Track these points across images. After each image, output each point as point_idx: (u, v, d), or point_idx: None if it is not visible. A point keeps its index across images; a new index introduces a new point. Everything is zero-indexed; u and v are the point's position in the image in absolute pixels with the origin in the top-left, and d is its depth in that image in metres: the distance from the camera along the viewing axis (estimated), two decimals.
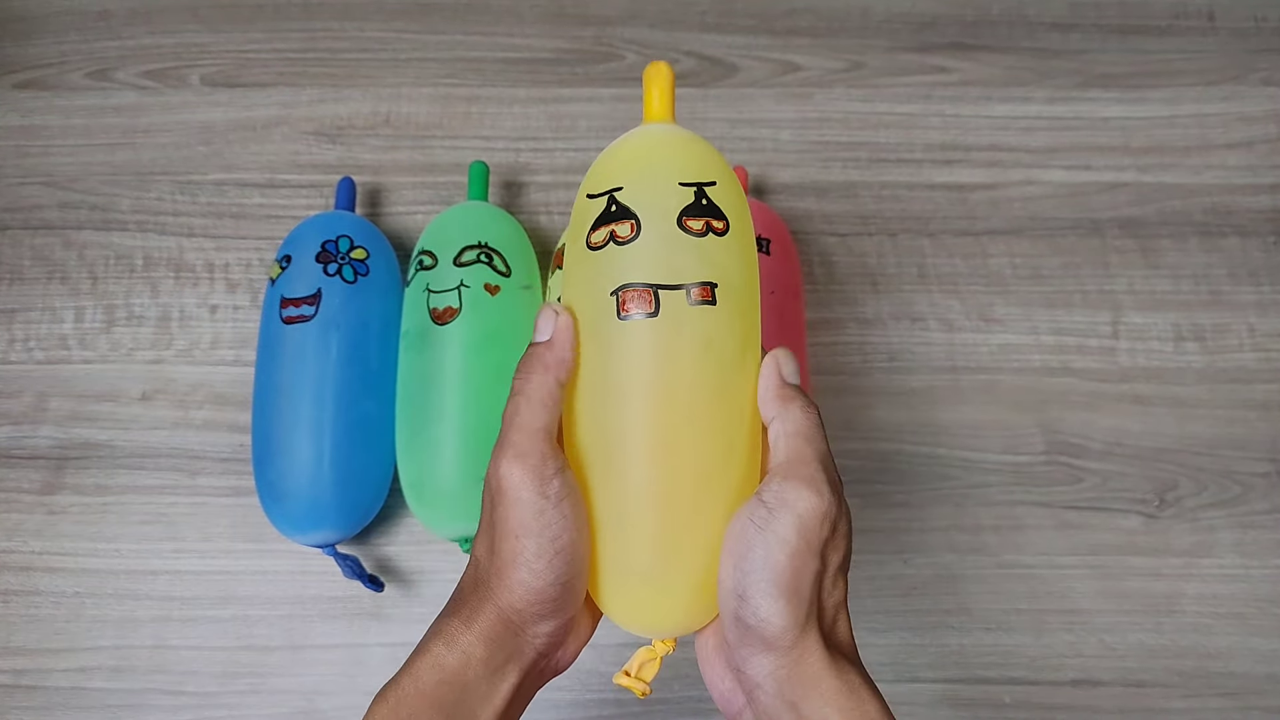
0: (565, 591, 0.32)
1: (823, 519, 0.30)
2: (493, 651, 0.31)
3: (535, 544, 0.31)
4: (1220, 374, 0.62)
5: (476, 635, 0.31)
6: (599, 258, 0.33)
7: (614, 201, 0.33)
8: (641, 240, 0.32)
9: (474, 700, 0.31)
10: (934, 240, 0.65)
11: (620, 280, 0.32)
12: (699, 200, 0.33)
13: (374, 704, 0.31)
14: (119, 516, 0.59)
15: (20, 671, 0.56)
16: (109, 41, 0.70)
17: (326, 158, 0.67)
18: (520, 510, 0.31)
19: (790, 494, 0.30)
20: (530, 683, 0.33)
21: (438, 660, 0.31)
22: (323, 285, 0.54)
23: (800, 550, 0.30)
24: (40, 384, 0.62)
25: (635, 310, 0.32)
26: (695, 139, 0.35)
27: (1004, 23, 0.71)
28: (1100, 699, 0.56)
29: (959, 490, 0.59)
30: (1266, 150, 0.67)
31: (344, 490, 0.53)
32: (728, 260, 0.33)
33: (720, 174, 0.34)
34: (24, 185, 0.67)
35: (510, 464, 0.31)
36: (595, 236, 0.33)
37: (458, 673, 0.31)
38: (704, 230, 0.33)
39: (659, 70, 0.36)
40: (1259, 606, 0.57)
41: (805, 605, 0.30)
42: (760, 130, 0.68)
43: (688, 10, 0.71)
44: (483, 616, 0.32)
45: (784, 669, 0.30)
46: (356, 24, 0.71)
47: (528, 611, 0.32)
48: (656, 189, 0.33)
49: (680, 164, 0.34)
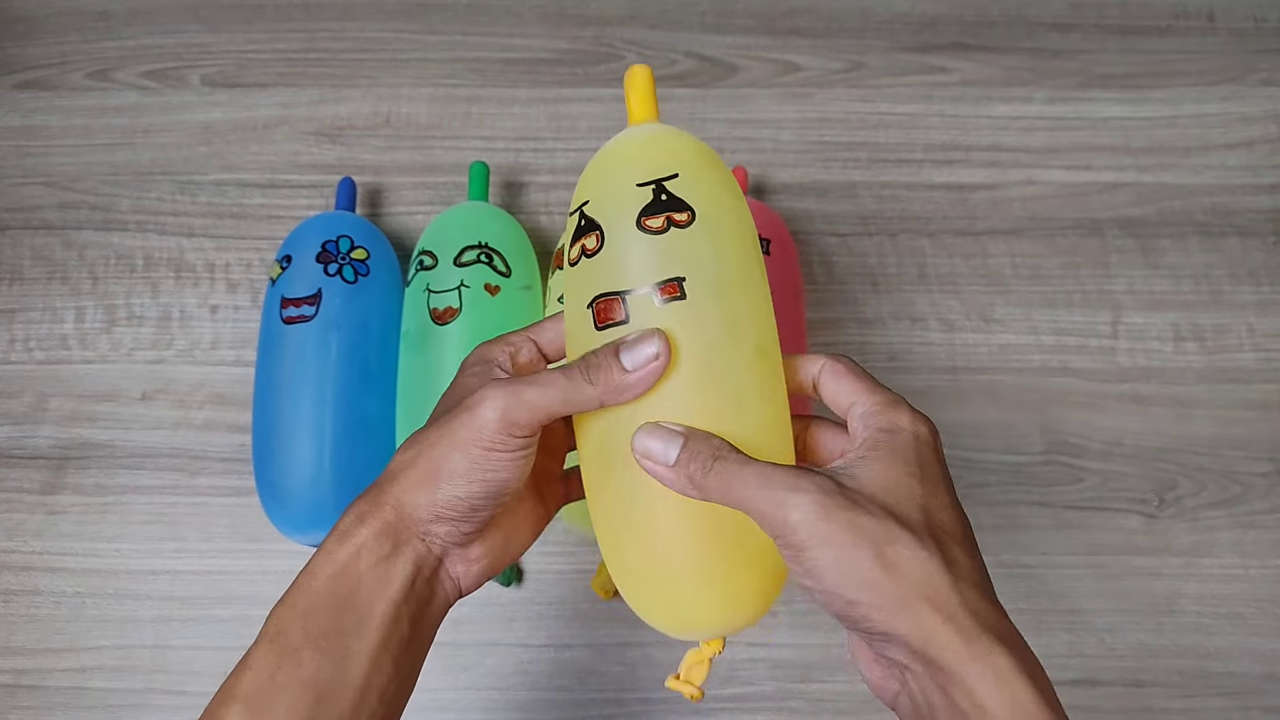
0: (473, 510, 0.32)
1: (824, 505, 0.29)
2: (381, 541, 0.32)
3: (466, 465, 0.32)
4: (1220, 374, 0.62)
5: (369, 527, 0.32)
6: (577, 272, 0.34)
7: (583, 216, 0.34)
8: (605, 249, 0.33)
9: (365, 591, 0.31)
10: (934, 240, 0.65)
11: (593, 292, 0.33)
12: (657, 197, 0.33)
13: (276, 605, 0.32)
14: (119, 516, 0.59)
15: (21, 671, 0.56)
16: (109, 42, 0.70)
17: (327, 158, 0.67)
18: (474, 434, 0.31)
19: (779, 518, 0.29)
20: (425, 586, 0.33)
21: (330, 554, 0.32)
22: (323, 285, 0.54)
23: (851, 550, 0.29)
24: (41, 384, 0.62)
25: (609, 319, 0.32)
26: (658, 134, 0.35)
27: (1004, 23, 0.71)
28: (1100, 699, 0.56)
29: (959, 490, 0.59)
30: (1266, 150, 0.67)
31: (344, 490, 0.53)
32: (696, 251, 0.32)
33: (686, 163, 0.33)
34: (24, 185, 0.67)
35: (500, 401, 0.31)
36: (573, 252, 0.34)
37: (348, 563, 0.32)
38: (664, 226, 0.32)
39: (633, 74, 0.36)
40: (1259, 606, 0.57)
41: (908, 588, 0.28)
42: (760, 130, 0.68)
43: (688, 10, 0.71)
44: (379, 511, 0.32)
45: (921, 654, 0.28)
46: (357, 24, 0.71)
47: (426, 510, 0.32)
48: (614, 196, 0.33)
49: (638, 164, 0.34)
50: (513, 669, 0.56)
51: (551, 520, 0.39)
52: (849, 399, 0.33)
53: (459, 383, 0.35)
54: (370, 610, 0.31)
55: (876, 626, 0.28)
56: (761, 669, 0.56)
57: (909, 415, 0.32)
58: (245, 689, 0.30)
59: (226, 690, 0.30)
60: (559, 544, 0.58)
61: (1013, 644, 0.28)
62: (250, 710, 0.29)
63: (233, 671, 0.31)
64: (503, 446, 0.31)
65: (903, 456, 0.31)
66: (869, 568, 0.28)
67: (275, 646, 0.30)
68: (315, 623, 0.31)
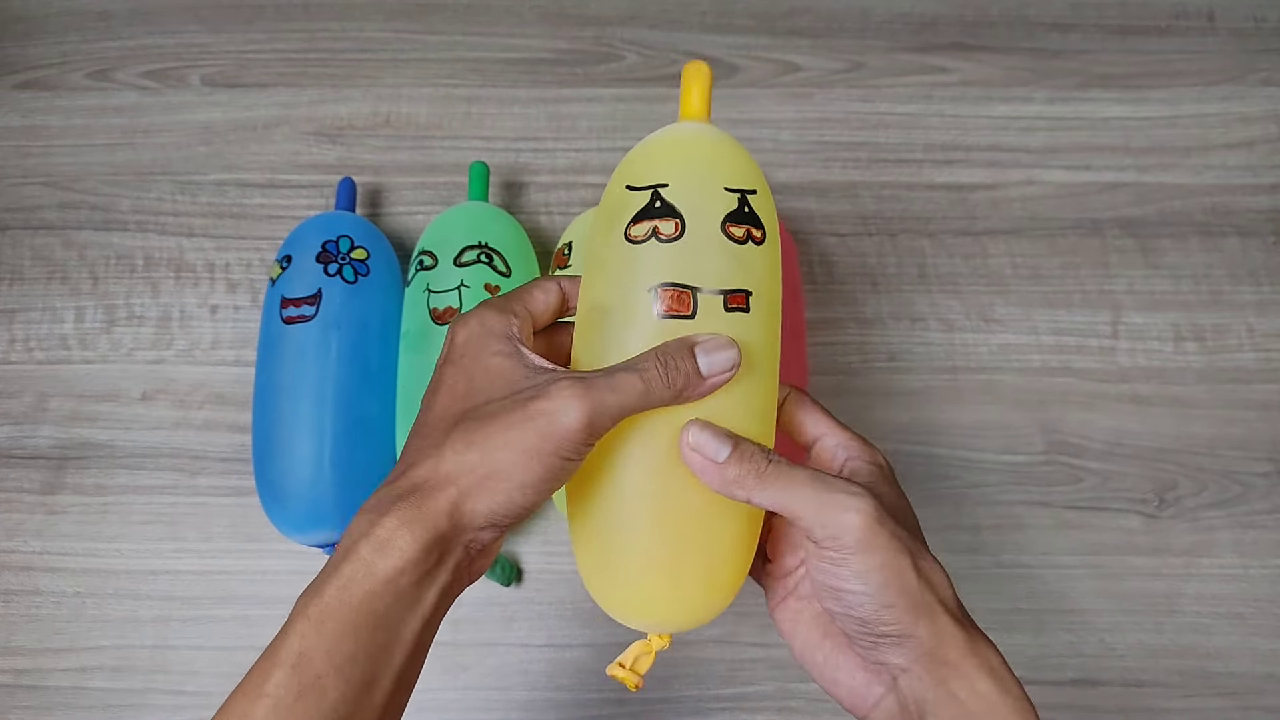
0: (525, 516, 0.31)
1: (881, 519, 0.31)
2: (429, 554, 0.29)
3: (540, 474, 0.29)
4: (1220, 374, 0.62)
5: (414, 538, 0.29)
6: (638, 252, 0.33)
7: (658, 197, 0.33)
8: (685, 240, 0.33)
9: (400, 611, 0.29)
10: (934, 240, 0.65)
11: (660, 277, 0.32)
12: (742, 208, 0.33)
13: (298, 616, 0.29)
14: (119, 516, 0.59)
15: (21, 671, 0.56)
16: (109, 42, 0.70)
17: (327, 158, 0.67)
18: (548, 444, 0.29)
19: (834, 527, 0.31)
20: (455, 589, 0.32)
21: (369, 568, 0.29)
22: (323, 285, 0.54)
23: (890, 561, 0.31)
24: (41, 384, 0.62)
25: (672, 309, 0.32)
26: (738, 145, 0.36)
27: (1004, 23, 0.71)
28: (1100, 699, 0.56)
29: (958, 490, 0.59)
30: (1266, 150, 0.67)
31: (344, 490, 0.53)
32: (763, 270, 0.33)
33: (760, 183, 0.35)
34: (25, 185, 0.67)
35: (580, 405, 0.29)
36: (636, 230, 0.33)
37: (389, 579, 0.29)
38: (745, 238, 0.33)
39: (699, 69, 0.36)
40: (1258, 606, 0.57)
41: (927, 594, 0.32)
42: (760, 130, 0.68)
43: (688, 10, 0.71)
44: (426, 518, 0.29)
45: (924, 657, 0.31)
46: (357, 24, 0.71)
47: (487, 518, 0.30)
48: (703, 191, 0.33)
49: (725, 169, 0.34)
50: (513, 669, 0.56)
51: (552, 515, 0.39)
52: (816, 430, 0.36)
53: (481, 362, 0.32)
54: (402, 632, 0.29)
55: (902, 629, 0.31)
56: (761, 669, 0.56)
57: (878, 452, 0.36)
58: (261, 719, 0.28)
59: (239, 717, 0.28)
60: (559, 544, 0.58)
61: (993, 643, 0.32)
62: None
63: (244, 691, 0.28)
64: (578, 455, 0.30)
65: (895, 488, 0.35)
66: (909, 575, 0.31)
67: (298, 674, 0.28)
68: (344, 648, 0.28)
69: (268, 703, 0.27)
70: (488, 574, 0.54)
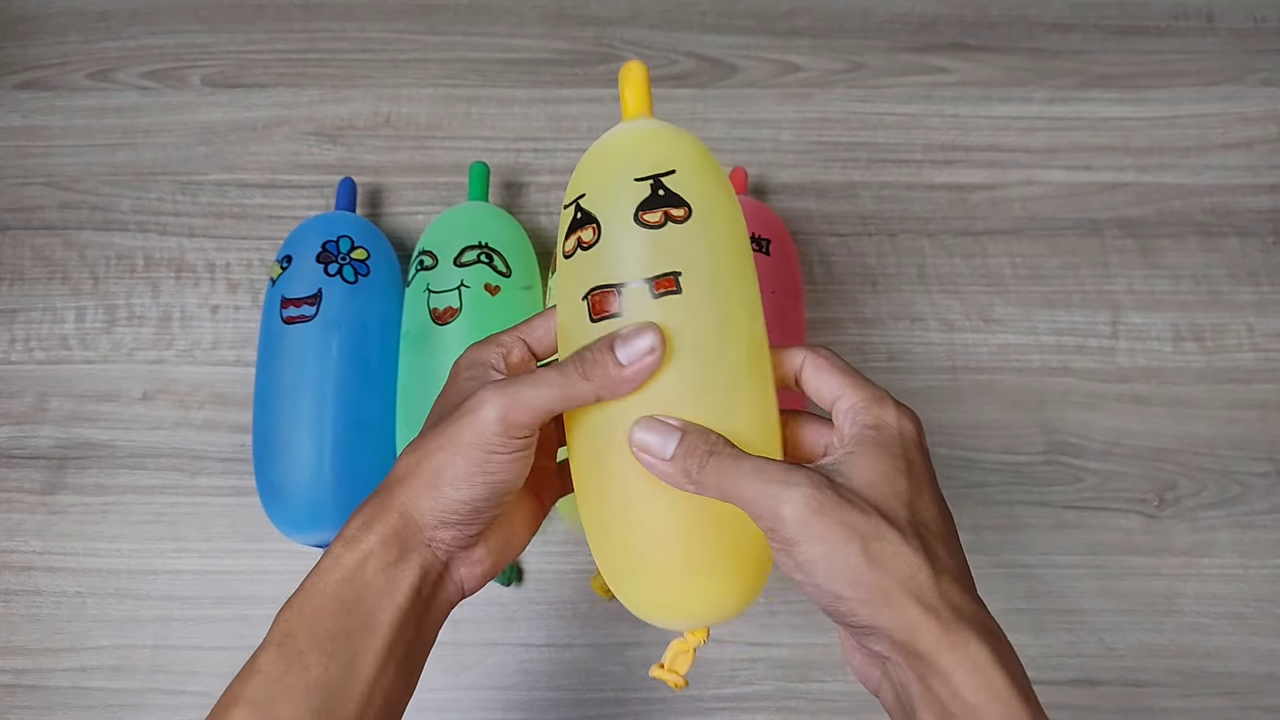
0: (475, 513, 0.33)
1: (823, 501, 0.30)
2: (389, 547, 0.32)
3: (467, 468, 0.32)
4: (1219, 374, 0.62)
5: (375, 533, 0.32)
6: (572, 265, 0.34)
7: (578, 209, 0.34)
8: (602, 242, 0.33)
9: (373, 596, 0.32)
10: (934, 240, 0.65)
11: (588, 284, 0.33)
12: (655, 192, 0.33)
13: (282, 609, 0.32)
14: (120, 516, 0.59)
15: (21, 671, 0.56)
16: (110, 42, 0.70)
17: (327, 158, 0.67)
18: (474, 438, 0.31)
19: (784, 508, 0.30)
20: (430, 589, 0.34)
21: (338, 559, 0.32)
22: (323, 285, 0.54)
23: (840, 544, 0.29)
24: (41, 384, 0.62)
25: (603, 311, 0.32)
26: (656, 129, 0.35)
27: (1004, 23, 0.71)
28: (1100, 699, 0.56)
29: (958, 490, 0.59)
30: (1266, 150, 0.67)
31: (344, 490, 0.53)
32: (691, 246, 0.33)
33: (682, 160, 0.34)
34: (25, 185, 0.67)
35: (498, 404, 0.31)
36: (568, 244, 0.34)
37: (356, 568, 0.32)
38: (662, 221, 0.33)
39: (629, 69, 0.36)
40: (1258, 606, 0.57)
41: (893, 581, 0.29)
42: (760, 130, 0.68)
43: (688, 10, 0.71)
44: (385, 516, 0.33)
45: (901, 645, 0.29)
46: (357, 25, 0.71)
47: (431, 515, 0.32)
48: (612, 189, 0.33)
49: (637, 160, 0.34)
50: (513, 669, 0.56)
51: (548, 514, 0.39)
52: (833, 393, 0.34)
53: (454, 387, 0.35)
54: (377, 615, 0.32)
55: (862, 620, 0.29)
56: (761, 669, 0.56)
57: (894, 411, 0.32)
58: (252, 693, 0.30)
59: (233, 693, 0.31)
60: (559, 544, 0.58)
61: (991, 636, 0.29)
62: (256, 713, 0.30)
63: (239, 674, 0.31)
64: (504, 448, 0.32)
65: (889, 453, 0.31)
66: (856, 563, 0.29)
67: (283, 651, 0.31)
68: (322, 626, 0.31)
69: (259, 678, 0.30)
70: None
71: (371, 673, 0.31)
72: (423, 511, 0.32)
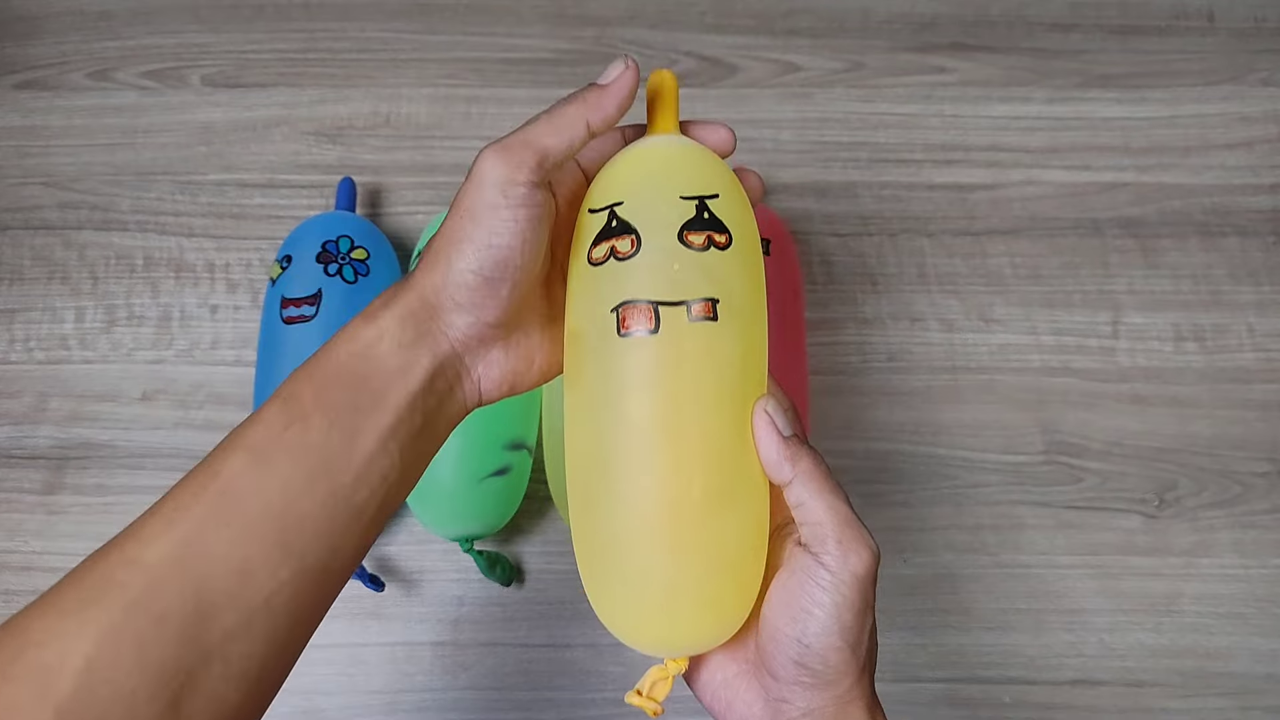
0: (486, 286, 0.32)
1: (876, 573, 0.32)
2: (405, 327, 0.32)
3: (473, 230, 0.32)
4: (1220, 374, 0.62)
5: (393, 311, 0.32)
6: (600, 274, 0.33)
7: (614, 216, 0.33)
8: (642, 255, 0.32)
9: (384, 374, 0.32)
10: (934, 240, 0.65)
11: (620, 297, 0.32)
12: (700, 214, 0.32)
13: (293, 372, 0.32)
14: (119, 516, 0.58)
15: None
16: (110, 42, 0.70)
17: (327, 158, 0.67)
18: (476, 196, 0.32)
19: (852, 558, 0.31)
20: (444, 383, 0.33)
21: (354, 332, 0.32)
22: (323, 285, 0.54)
23: (863, 609, 0.31)
24: (40, 384, 0.62)
25: (636, 327, 0.31)
26: (698, 150, 0.35)
27: (1004, 23, 0.71)
28: (1100, 699, 0.56)
29: (959, 490, 0.59)
30: (1266, 150, 0.67)
31: None
32: (730, 275, 0.32)
33: (724, 186, 0.33)
34: (24, 185, 0.67)
35: (494, 154, 0.32)
36: (596, 252, 0.33)
37: (370, 344, 0.32)
38: (705, 244, 0.32)
39: (662, 80, 0.35)
40: (1259, 606, 0.57)
41: (864, 652, 0.32)
42: (760, 130, 0.68)
43: (688, 10, 0.71)
44: (403, 295, 0.32)
45: (831, 705, 0.32)
46: (357, 24, 0.71)
47: (444, 293, 0.32)
48: (657, 203, 0.33)
49: (681, 177, 0.33)
50: (513, 669, 0.56)
51: (550, 514, 0.39)
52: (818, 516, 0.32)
53: None
54: (386, 393, 0.31)
55: (829, 675, 0.31)
56: None
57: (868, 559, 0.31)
58: (252, 440, 0.30)
59: (234, 438, 0.31)
60: (559, 544, 0.58)
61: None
62: (254, 460, 0.30)
63: (243, 423, 0.31)
64: (505, 200, 0.31)
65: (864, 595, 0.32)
66: (867, 632, 0.32)
67: (287, 407, 0.31)
68: (329, 394, 0.31)
69: (260, 428, 0.31)
70: (487, 574, 0.55)
71: (371, 449, 0.31)
72: (437, 289, 0.32)
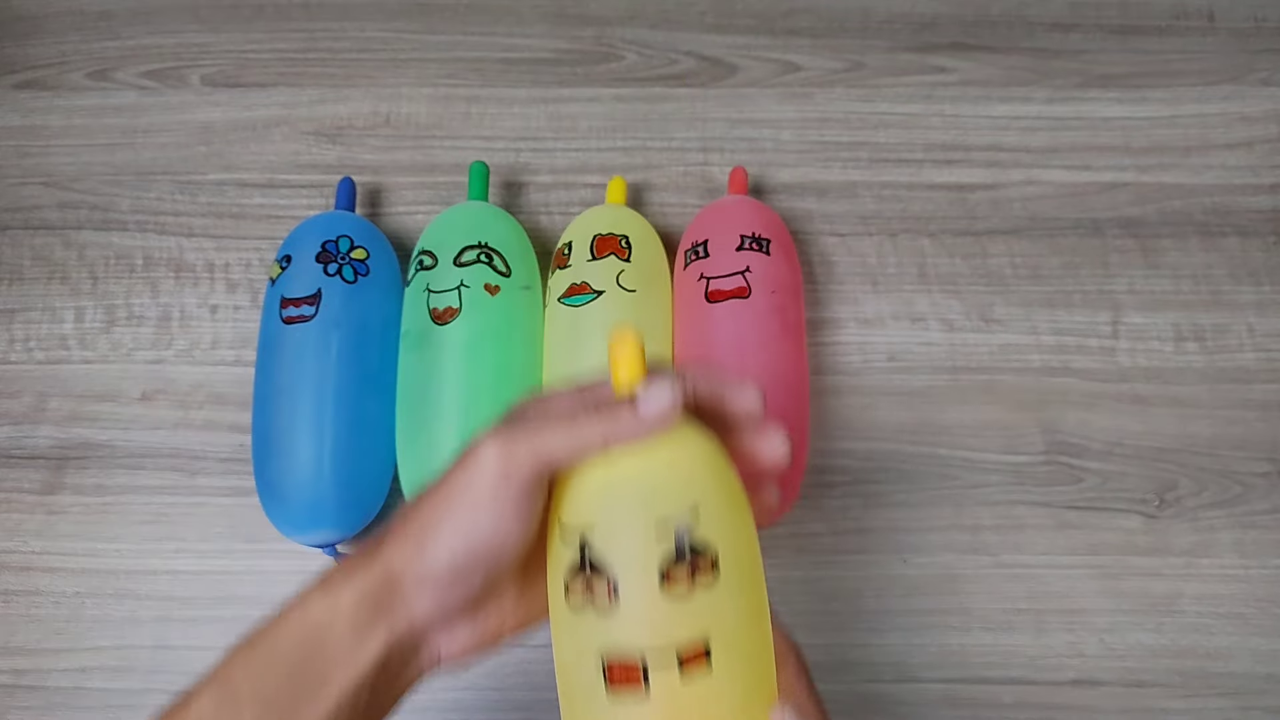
0: (457, 575, 0.31)
1: None
2: (361, 607, 0.30)
3: (452, 516, 0.30)
4: (1220, 374, 0.62)
5: (353, 586, 0.30)
6: (579, 621, 0.31)
7: (587, 549, 0.30)
8: (620, 606, 0.30)
9: (331, 659, 0.30)
10: (934, 240, 0.65)
11: (604, 649, 0.30)
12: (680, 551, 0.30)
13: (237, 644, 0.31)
14: (119, 516, 0.59)
15: (20, 671, 0.56)
16: (109, 42, 0.70)
17: (326, 158, 0.67)
18: (465, 483, 0.30)
19: None
20: (399, 659, 0.32)
21: (307, 604, 0.31)
22: (323, 285, 0.54)
23: None
24: (40, 384, 0.62)
25: (624, 691, 0.30)
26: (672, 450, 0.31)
27: (1004, 23, 0.71)
28: (1100, 699, 0.56)
29: (959, 490, 0.59)
30: (1266, 150, 0.67)
31: (344, 490, 0.53)
32: (723, 606, 0.30)
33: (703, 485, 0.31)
34: (24, 185, 0.67)
35: (496, 446, 0.30)
36: (571, 594, 0.31)
37: (320, 625, 0.30)
38: (691, 583, 0.30)
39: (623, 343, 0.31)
40: (1259, 606, 0.57)
41: None
42: (760, 130, 0.68)
43: (688, 10, 0.71)
44: (365, 571, 0.31)
45: None
46: (357, 24, 0.71)
47: (411, 573, 0.31)
48: (628, 536, 0.30)
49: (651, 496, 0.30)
50: (513, 669, 0.56)
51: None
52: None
53: None
54: (329, 678, 0.30)
55: None
56: None
57: None
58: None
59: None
60: None
61: None
62: None
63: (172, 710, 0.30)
64: (494, 496, 0.30)
65: None
66: None
67: (221, 695, 0.30)
68: (267, 681, 0.30)
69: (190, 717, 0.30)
70: None
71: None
72: (404, 568, 0.31)
